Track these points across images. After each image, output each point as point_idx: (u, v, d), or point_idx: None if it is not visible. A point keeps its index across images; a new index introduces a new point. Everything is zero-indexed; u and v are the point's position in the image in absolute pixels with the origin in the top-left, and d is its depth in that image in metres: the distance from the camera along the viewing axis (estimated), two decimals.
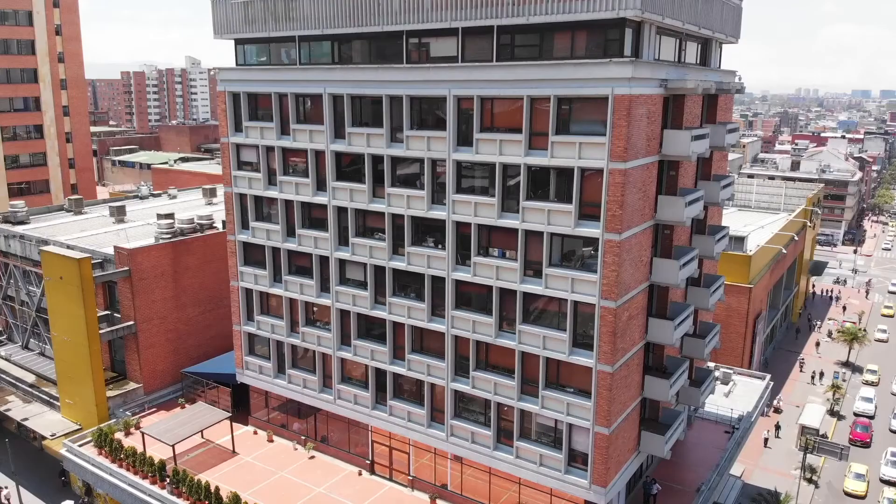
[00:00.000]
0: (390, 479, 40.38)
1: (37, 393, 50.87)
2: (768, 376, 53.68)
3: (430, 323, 36.28)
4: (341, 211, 38.28)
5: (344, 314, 39.86)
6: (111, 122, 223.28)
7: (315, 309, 41.25)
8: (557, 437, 33.58)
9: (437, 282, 35.68)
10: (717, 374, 53.48)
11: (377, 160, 36.14)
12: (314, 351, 41.56)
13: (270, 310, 43.39)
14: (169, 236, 49.20)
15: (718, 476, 40.08)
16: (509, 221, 32.30)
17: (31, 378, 52.35)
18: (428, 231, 35.57)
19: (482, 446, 35.79)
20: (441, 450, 38.01)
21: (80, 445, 42.92)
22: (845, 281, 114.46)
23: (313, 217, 39.71)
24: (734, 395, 50.51)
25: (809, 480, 54.23)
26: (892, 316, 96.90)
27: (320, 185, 38.67)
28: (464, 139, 32.88)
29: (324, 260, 39.67)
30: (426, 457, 39.09)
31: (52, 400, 49.79)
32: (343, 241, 38.65)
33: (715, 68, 39.29)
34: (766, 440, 58.77)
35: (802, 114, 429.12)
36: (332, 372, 41.08)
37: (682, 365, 36.38)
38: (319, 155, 38.23)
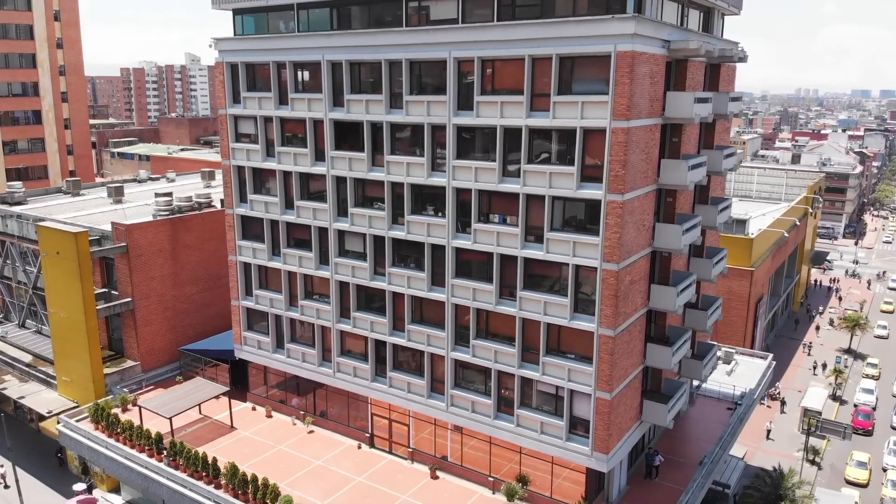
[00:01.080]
0: (390, 452, 39.99)
1: (33, 372, 50.47)
2: (770, 356, 53.30)
3: (430, 292, 35.90)
4: (340, 181, 37.90)
5: (343, 286, 39.48)
6: (111, 119, 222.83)
7: (314, 282, 40.86)
8: (558, 405, 33.20)
9: (438, 250, 35.30)
10: (719, 353, 53.15)
11: (376, 128, 35.76)
12: (313, 324, 41.18)
13: (269, 284, 43.00)
14: (167, 213, 48.84)
15: (721, 450, 39.70)
16: (510, 186, 31.92)
17: (28, 358, 51.99)
18: (428, 199, 35.20)
19: (482, 415, 35.41)
20: (441, 420, 37.62)
21: (76, 421, 42.49)
22: (856, 274, 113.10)
23: (312, 188, 39.34)
24: (736, 373, 50.12)
25: (812, 462, 53.86)
26: (892, 312, 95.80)
27: (319, 156, 38.30)
28: (464, 103, 32.51)
29: (322, 231, 39.29)
30: (426, 430, 38.70)
31: (48, 379, 49.39)
32: (342, 211, 38.27)
33: (717, 37, 38.94)
34: (768, 432, 58.01)
35: (802, 112, 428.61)
36: (331, 345, 40.70)
37: (684, 335, 36.00)
38: (318, 124, 37.87)
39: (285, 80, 38.38)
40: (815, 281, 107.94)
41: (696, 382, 48.08)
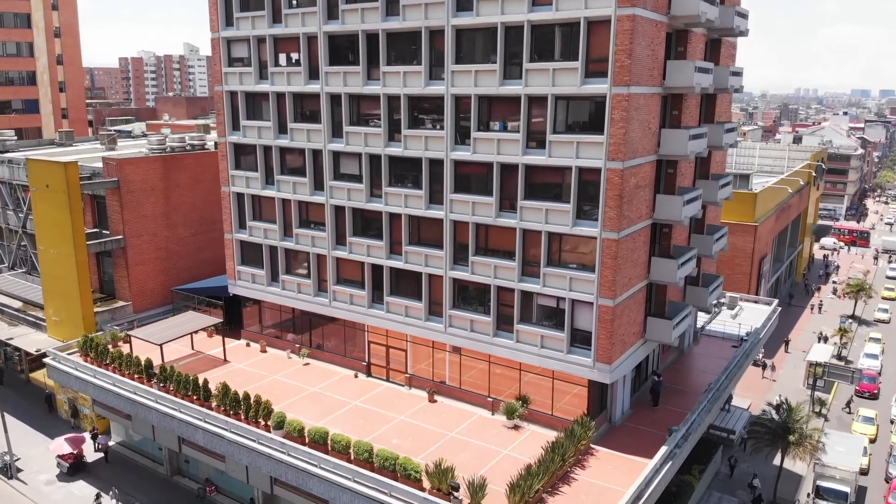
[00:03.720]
0: (387, 380, 38.92)
1: (23, 316, 49.40)
2: (776, 301, 52.25)
3: (428, 210, 34.86)
4: (335, 100, 36.87)
5: (339, 211, 38.43)
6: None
7: (309, 209, 39.81)
8: (559, 318, 32.16)
9: (436, 166, 34.26)
10: (723, 299, 52.20)
11: (372, 39, 34.73)
12: (308, 253, 40.14)
13: (263, 215, 41.96)
14: (160, 152, 47.84)
15: (728, 380, 38.62)
16: (511, 88, 30.89)
17: (18, 305, 50.92)
18: (425, 112, 34.18)
19: (481, 334, 34.36)
20: (439, 346, 36.58)
21: (67, 355, 41.41)
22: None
23: (306, 108, 38.30)
24: (741, 318, 49.08)
25: (818, 414, 52.75)
26: (894, 299, 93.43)
27: (313, 73, 37.29)
28: (463, 3, 31.48)
29: (317, 154, 38.26)
30: (424, 360, 37.60)
31: (38, 321, 48.32)
32: (337, 132, 37.23)
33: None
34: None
35: (802, 109, 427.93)
36: (326, 274, 39.66)
37: (689, 251, 34.96)
38: (311, 40, 36.85)
39: None
40: (824, 256, 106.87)
41: (700, 323, 47.17)
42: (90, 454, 43.31)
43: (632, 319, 32.64)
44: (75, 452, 41.98)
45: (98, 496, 37.30)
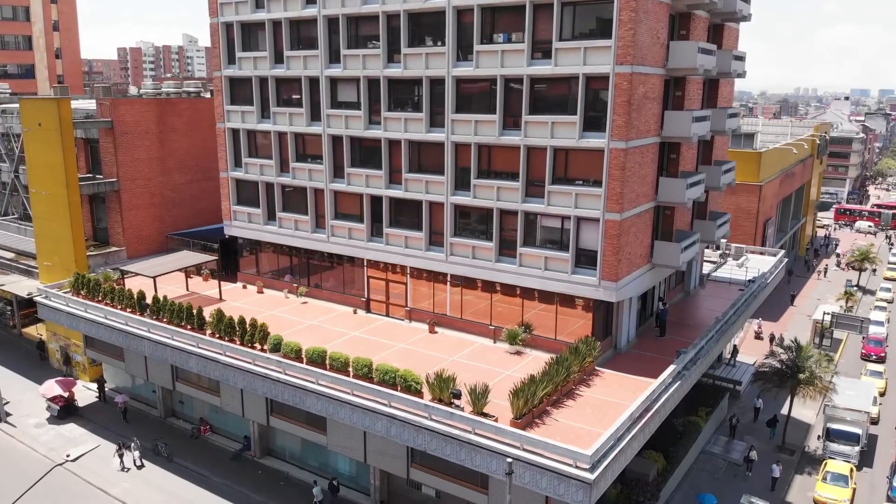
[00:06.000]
0: (387, 315, 37.88)
1: (15, 265, 48.40)
2: (782, 251, 51.28)
3: (428, 134, 33.85)
4: (332, 23, 35.85)
5: (336, 141, 37.43)
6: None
7: (305, 141, 38.81)
8: (564, 237, 31.17)
9: (437, 86, 33.27)
10: (729, 250, 51.30)
11: None
12: (306, 188, 39.13)
13: (258, 151, 40.97)
14: (154, 96, 46.85)
15: (736, 315, 37.63)
16: None
17: (10, 256, 49.93)
18: (425, 29, 33.17)
19: (483, 261, 33.36)
20: (440, 281, 35.54)
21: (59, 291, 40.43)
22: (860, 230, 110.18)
23: (302, 35, 37.31)
24: (747, 266, 48.11)
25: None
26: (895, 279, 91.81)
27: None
28: None
29: (314, 83, 37.24)
30: (424, 298, 36.56)
31: (30, 269, 47.30)
32: (334, 57, 36.23)
33: None
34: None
35: (802, 106, 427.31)
36: (324, 209, 38.67)
37: (698, 175, 34.00)
38: None
39: None
40: (826, 235, 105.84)
41: (706, 269, 46.24)
42: (83, 399, 42.32)
43: (639, 241, 31.65)
44: (66, 395, 41.01)
45: (119, 449, 35.58)
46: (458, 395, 25.77)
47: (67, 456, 36.39)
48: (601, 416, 26.38)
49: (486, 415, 25.22)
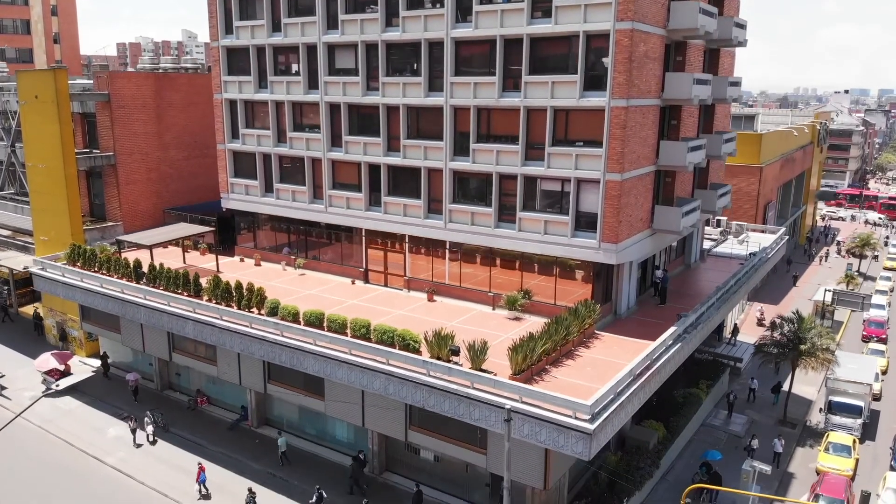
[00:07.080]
0: (385, 286, 37.57)
1: (12, 241, 48.10)
2: (784, 228, 50.96)
3: (427, 98, 33.53)
4: None
5: (334, 109, 37.11)
6: None
7: (303, 110, 38.49)
8: (564, 201, 30.87)
9: (435, 49, 32.95)
10: (730, 227, 51.01)
11: None
12: (303, 159, 38.82)
13: (255, 121, 40.66)
14: (152, 70, 46.51)
15: (737, 286, 37.32)
16: None
17: (6, 233, 49.66)
18: None
19: (482, 227, 33.05)
20: (439, 252, 35.23)
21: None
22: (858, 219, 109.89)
23: (300, 3, 37.00)
24: (748, 242, 47.82)
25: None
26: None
27: None
28: None
29: (311, 49, 36.92)
30: (423, 271, 36.24)
31: (27, 244, 47.01)
32: (332, 23, 35.91)
33: None
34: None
35: (801, 105, 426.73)
36: (322, 179, 38.36)
37: (699, 140, 33.70)
38: None
39: None
40: (825, 225, 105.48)
41: (707, 245, 45.96)
42: (79, 372, 42.00)
43: (639, 204, 31.35)
44: (62, 369, 40.71)
45: (133, 423, 35.06)
46: (456, 352, 25.46)
47: (56, 386, 39.07)
48: (601, 374, 26.04)
49: (484, 370, 24.90)
